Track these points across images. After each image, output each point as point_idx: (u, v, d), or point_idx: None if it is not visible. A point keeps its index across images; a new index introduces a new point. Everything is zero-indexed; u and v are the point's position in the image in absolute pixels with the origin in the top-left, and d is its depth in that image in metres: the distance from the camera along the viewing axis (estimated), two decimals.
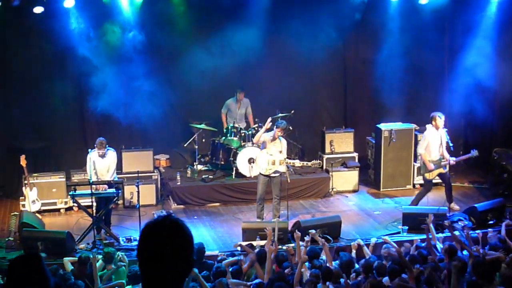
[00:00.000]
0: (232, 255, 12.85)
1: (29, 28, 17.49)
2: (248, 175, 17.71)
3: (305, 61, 19.40)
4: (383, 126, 18.54)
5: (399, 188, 18.57)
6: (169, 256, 3.59)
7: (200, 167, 18.44)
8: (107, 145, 15.16)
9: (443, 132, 16.11)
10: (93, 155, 15.18)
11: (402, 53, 19.53)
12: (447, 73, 19.63)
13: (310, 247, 12.62)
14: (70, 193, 15.28)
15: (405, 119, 19.12)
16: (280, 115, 18.36)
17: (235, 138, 17.96)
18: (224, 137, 18.16)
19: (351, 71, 20.53)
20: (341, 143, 19.08)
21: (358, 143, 19.39)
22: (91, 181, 14.81)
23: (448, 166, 16.27)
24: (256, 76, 19.33)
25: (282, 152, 15.57)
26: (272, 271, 11.28)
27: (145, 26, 18.22)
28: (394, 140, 18.32)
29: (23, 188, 16.26)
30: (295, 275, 10.75)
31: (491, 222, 15.28)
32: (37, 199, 16.23)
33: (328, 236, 14.34)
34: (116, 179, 15.38)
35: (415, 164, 18.41)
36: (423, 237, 13.60)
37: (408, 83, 19.86)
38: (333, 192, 18.23)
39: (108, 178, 15.14)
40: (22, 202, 16.49)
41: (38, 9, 17.02)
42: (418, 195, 16.61)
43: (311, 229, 14.31)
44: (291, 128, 18.74)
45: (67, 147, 18.50)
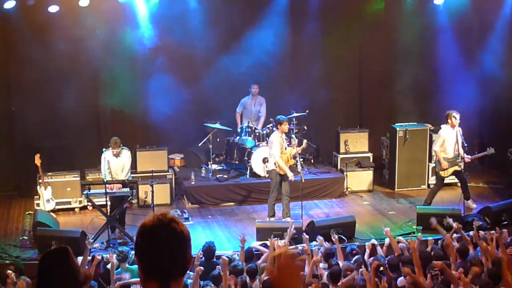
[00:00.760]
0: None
1: (44, 27, 17.52)
2: (262, 174, 17.70)
3: (320, 60, 19.39)
4: (398, 126, 18.49)
5: (414, 188, 18.51)
6: (168, 253, 3.63)
7: (214, 166, 18.43)
8: (121, 145, 15.18)
9: (458, 130, 16.06)
10: (107, 154, 15.20)
11: (417, 53, 19.48)
12: (462, 73, 19.52)
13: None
14: (84, 192, 15.30)
15: (420, 119, 19.05)
16: (295, 114, 18.36)
17: (250, 138, 17.94)
18: (238, 137, 18.15)
19: (366, 71, 20.47)
20: (355, 143, 19.04)
21: (372, 143, 19.34)
22: (105, 180, 14.83)
23: (463, 164, 16.20)
24: (272, 75, 19.30)
25: (287, 148, 15.64)
26: None
27: (160, 25, 18.25)
28: (408, 140, 18.27)
29: (38, 187, 16.29)
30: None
31: (505, 222, 15.23)
32: (51, 198, 16.27)
33: (342, 236, 14.32)
34: (130, 178, 15.39)
35: (430, 164, 18.35)
36: (437, 237, 13.59)
37: (423, 83, 19.81)
38: (347, 192, 18.20)
39: (123, 177, 15.16)
40: (36, 201, 16.53)
41: (54, 8, 17.06)
42: (431, 193, 16.60)
43: (325, 229, 14.32)
44: (305, 127, 18.76)
45: (81, 146, 18.52)
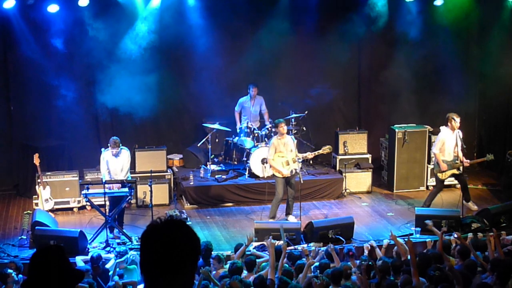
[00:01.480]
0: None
1: (43, 27, 17.51)
2: (261, 175, 17.71)
3: (319, 61, 19.41)
4: (396, 128, 18.50)
5: (413, 189, 18.51)
6: (176, 256, 3.57)
7: (213, 167, 18.42)
8: (120, 144, 15.17)
9: (458, 133, 16.06)
10: (106, 154, 15.20)
11: (417, 54, 19.47)
12: (461, 74, 19.53)
13: (328, 246, 12.63)
14: (83, 192, 15.28)
15: (419, 120, 19.06)
16: (294, 115, 18.37)
17: (249, 138, 17.94)
18: (237, 137, 18.15)
19: (365, 72, 20.49)
20: (354, 144, 19.04)
21: (371, 144, 19.35)
22: (104, 180, 14.83)
23: (462, 167, 16.21)
24: (271, 76, 19.32)
25: (292, 151, 15.61)
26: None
27: (159, 24, 18.23)
28: (407, 142, 18.28)
29: (36, 187, 16.30)
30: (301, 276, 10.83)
31: (504, 224, 15.24)
32: (50, 198, 16.28)
33: (341, 237, 14.33)
34: (129, 178, 15.38)
35: (428, 165, 18.37)
36: (436, 238, 13.59)
37: (423, 84, 19.82)
38: (346, 193, 18.19)
39: (122, 177, 15.15)
40: (35, 201, 16.54)
41: (53, 8, 17.04)
42: (430, 195, 16.60)
43: (324, 230, 14.33)
44: (304, 128, 18.76)
45: (80, 146, 18.51)
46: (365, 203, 17.77)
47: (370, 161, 19.01)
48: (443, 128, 16.24)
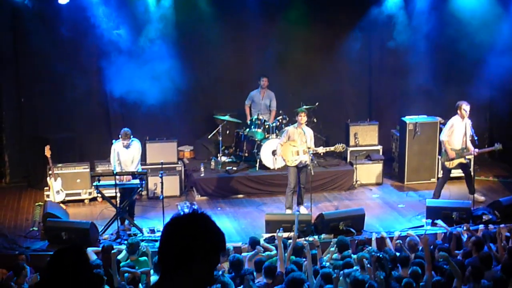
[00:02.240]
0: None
1: (54, 19, 17.52)
2: (272, 167, 17.70)
3: (330, 53, 19.36)
4: (407, 119, 18.45)
5: (424, 181, 18.48)
6: (197, 249, 3.56)
7: (224, 158, 18.42)
8: (131, 136, 15.17)
9: (468, 122, 16.01)
10: (117, 145, 15.20)
11: (427, 46, 19.40)
12: (473, 66, 19.43)
13: (339, 238, 12.63)
14: (94, 183, 15.31)
15: (430, 112, 18.99)
16: (305, 107, 18.33)
17: (259, 130, 17.92)
18: (248, 129, 18.13)
19: (376, 63, 20.43)
20: (365, 135, 19.01)
21: (382, 136, 19.30)
22: (115, 171, 14.85)
23: (473, 157, 16.15)
24: (281, 68, 19.27)
25: (307, 142, 15.56)
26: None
27: (170, 16, 18.21)
28: (418, 133, 18.23)
29: (48, 179, 16.34)
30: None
31: None
32: (61, 190, 16.31)
33: (351, 229, 14.31)
34: (140, 170, 15.38)
35: (439, 157, 18.32)
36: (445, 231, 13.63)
37: (434, 76, 19.72)
38: (357, 185, 18.17)
39: (132, 169, 15.15)
40: (46, 193, 16.57)
41: (64, 0, 17.04)
42: (438, 185, 16.60)
43: (335, 221, 14.30)
44: (315, 120, 18.74)
45: (91, 138, 18.56)
46: (376, 195, 17.74)
47: (381, 153, 18.98)
48: (453, 117, 16.19)
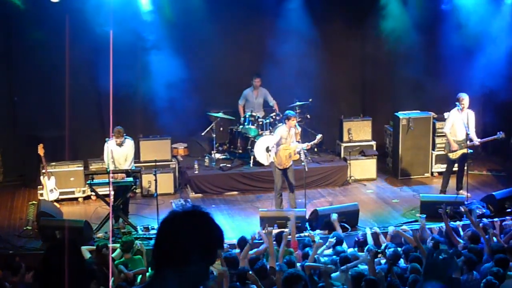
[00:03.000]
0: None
1: (46, 17, 17.46)
2: (265, 163, 17.68)
3: (323, 49, 19.35)
4: (401, 114, 18.47)
5: (417, 176, 18.51)
6: (192, 246, 3.53)
7: (218, 155, 18.43)
8: (124, 134, 15.16)
9: (470, 113, 16.03)
10: (110, 144, 15.19)
11: (421, 39, 19.40)
12: (466, 59, 19.44)
13: (334, 233, 12.66)
14: (88, 182, 15.31)
15: (423, 107, 19.01)
16: (298, 103, 18.34)
17: (253, 127, 17.92)
18: (241, 126, 18.13)
19: (369, 58, 20.42)
20: (359, 131, 19.03)
21: (376, 131, 19.32)
22: (108, 170, 14.84)
23: (473, 148, 16.19)
24: (274, 64, 19.24)
25: (294, 142, 15.55)
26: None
27: (163, 14, 18.19)
28: (412, 128, 18.25)
29: (41, 177, 16.33)
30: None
31: (509, 210, 15.22)
32: (55, 188, 16.30)
33: (345, 225, 14.33)
34: (133, 168, 15.38)
35: (433, 152, 18.35)
36: (440, 225, 13.63)
37: (427, 70, 19.72)
38: (351, 181, 18.18)
39: (126, 167, 15.16)
40: (40, 191, 16.57)
41: None
42: (444, 179, 16.67)
43: (329, 217, 14.30)
44: (309, 116, 18.74)
45: (85, 136, 18.51)
46: (370, 190, 17.77)
47: (374, 148, 19.00)
48: (453, 110, 16.23)
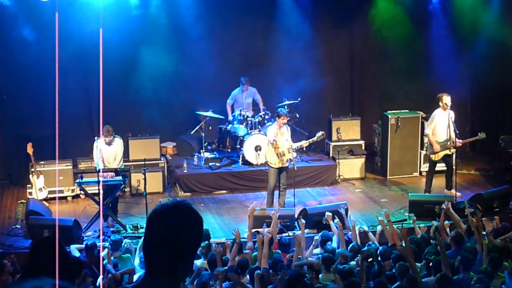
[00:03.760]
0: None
1: (35, 17, 17.42)
2: (254, 162, 17.72)
3: (311, 48, 19.37)
4: (389, 114, 18.51)
5: (406, 175, 18.55)
6: (181, 240, 3.55)
7: (207, 154, 18.42)
8: (113, 133, 15.16)
9: (451, 113, 16.07)
10: (99, 142, 15.18)
11: (408, 39, 19.48)
12: (454, 59, 19.52)
13: (322, 232, 12.70)
14: (77, 180, 15.30)
15: (411, 106, 19.06)
16: (287, 102, 18.37)
17: (242, 126, 17.94)
18: (230, 125, 18.15)
19: (357, 58, 20.48)
20: (347, 130, 19.06)
21: (364, 130, 19.35)
22: (97, 168, 14.83)
23: (455, 149, 16.22)
24: (263, 63, 19.30)
25: (288, 140, 15.60)
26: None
27: (150, 14, 18.21)
28: (400, 128, 18.30)
29: (30, 176, 16.30)
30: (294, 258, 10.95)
31: (497, 209, 15.27)
32: (44, 187, 16.27)
33: (336, 224, 14.34)
34: (122, 166, 15.38)
35: (422, 151, 18.40)
36: (428, 224, 13.70)
37: (415, 70, 19.81)
38: (339, 180, 18.22)
39: (115, 165, 15.15)
40: (29, 190, 16.53)
41: None
42: (427, 180, 16.69)
43: (318, 216, 14.32)
44: (297, 115, 18.77)
45: (74, 135, 18.45)
46: (359, 189, 17.80)
47: (363, 148, 19.04)
48: (436, 110, 16.26)
